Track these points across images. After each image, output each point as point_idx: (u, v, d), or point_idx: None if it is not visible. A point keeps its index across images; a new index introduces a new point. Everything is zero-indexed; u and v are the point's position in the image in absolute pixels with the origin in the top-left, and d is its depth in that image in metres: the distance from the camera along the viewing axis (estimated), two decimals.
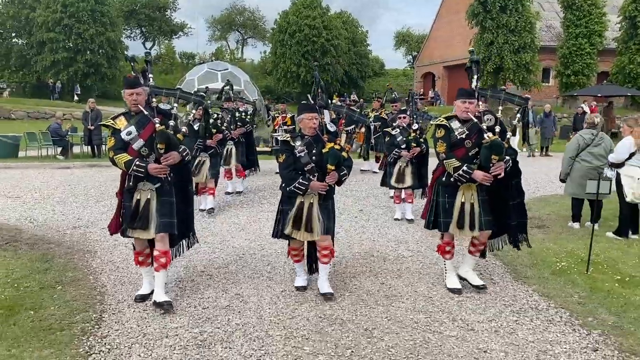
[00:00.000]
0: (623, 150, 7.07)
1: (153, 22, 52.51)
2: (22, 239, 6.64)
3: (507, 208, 4.82)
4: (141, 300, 4.56)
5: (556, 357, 3.55)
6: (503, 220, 4.83)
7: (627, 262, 5.78)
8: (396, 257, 5.96)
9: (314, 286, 4.88)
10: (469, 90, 4.76)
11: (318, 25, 41.31)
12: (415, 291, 4.85)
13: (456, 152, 4.63)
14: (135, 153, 4.37)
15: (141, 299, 4.59)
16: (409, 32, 59.91)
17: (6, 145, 15.42)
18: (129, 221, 4.39)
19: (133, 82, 4.51)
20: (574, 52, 30.69)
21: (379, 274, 5.33)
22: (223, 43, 58.18)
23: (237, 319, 4.17)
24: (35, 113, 28.35)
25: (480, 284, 4.83)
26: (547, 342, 3.78)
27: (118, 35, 40.90)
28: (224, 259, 5.86)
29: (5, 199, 9.06)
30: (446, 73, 42.48)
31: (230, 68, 19.06)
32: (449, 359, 3.53)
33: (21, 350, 3.52)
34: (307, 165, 4.61)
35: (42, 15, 36.63)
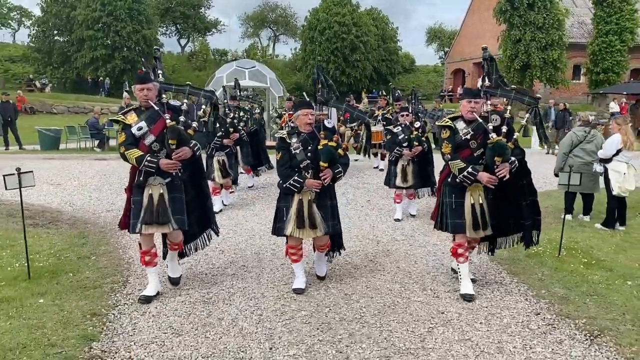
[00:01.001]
0: (611, 147, 7.56)
1: (187, 19, 53.77)
2: (62, 220, 7.58)
3: (520, 208, 4.79)
4: (145, 302, 4.49)
5: (502, 318, 4.20)
6: (516, 220, 4.83)
7: (602, 249, 6.30)
8: (389, 240, 6.65)
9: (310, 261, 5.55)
10: (474, 90, 4.77)
11: (347, 22, 41.76)
12: (397, 267, 5.53)
13: (461, 153, 4.60)
14: (146, 148, 4.38)
15: (145, 300, 4.51)
16: (441, 28, 59.93)
17: (49, 138, 16.64)
18: (145, 217, 4.35)
19: (144, 78, 4.53)
20: (603, 49, 30.43)
21: (369, 253, 6.03)
22: (255, 40, 59.30)
23: (239, 283, 4.95)
24: (75, 108, 29.82)
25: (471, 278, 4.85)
26: (499, 307, 4.43)
27: (154, 33, 42.19)
28: (236, 238, 6.64)
29: (48, 185, 10.04)
30: (476, 70, 42.37)
31: (257, 66, 19.81)
32: (411, 317, 4.21)
33: (62, 302, 4.36)
34: (302, 162, 4.60)
35: (82, 14, 38.13)
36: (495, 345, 3.73)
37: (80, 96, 33.63)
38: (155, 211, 4.35)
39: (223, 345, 3.72)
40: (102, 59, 38.24)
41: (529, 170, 4.86)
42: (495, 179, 4.44)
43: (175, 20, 53.94)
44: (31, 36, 41.35)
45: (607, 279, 5.12)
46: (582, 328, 3.99)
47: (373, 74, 44.93)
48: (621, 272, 5.38)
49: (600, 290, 4.76)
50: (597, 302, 4.48)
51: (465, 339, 3.84)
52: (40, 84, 37.26)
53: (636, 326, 3.99)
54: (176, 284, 4.88)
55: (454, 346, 3.72)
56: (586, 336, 3.87)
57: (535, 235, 4.91)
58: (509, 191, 4.68)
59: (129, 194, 4.57)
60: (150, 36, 40.75)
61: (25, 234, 5.17)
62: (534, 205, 4.87)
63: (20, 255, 5.55)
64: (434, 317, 4.22)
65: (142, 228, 4.38)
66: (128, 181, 4.57)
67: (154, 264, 4.65)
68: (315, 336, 3.85)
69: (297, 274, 4.90)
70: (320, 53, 41.99)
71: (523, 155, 4.75)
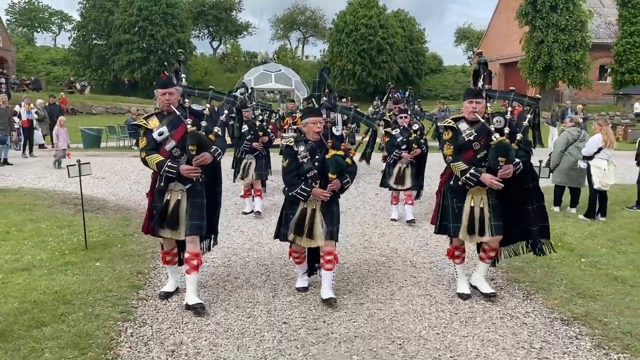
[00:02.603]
0: (593, 145, 8.39)
1: (220, 22, 55.37)
2: (108, 207, 8.83)
3: (525, 213, 4.65)
4: (165, 297, 4.66)
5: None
6: (521, 226, 4.68)
7: (574, 235, 7.16)
8: (387, 225, 7.66)
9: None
10: (476, 90, 4.68)
11: (374, 24, 42.51)
12: (387, 245, 6.56)
13: (464, 155, 4.51)
14: (167, 154, 4.34)
15: (165, 295, 4.69)
16: (470, 28, 60.25)
17: (91, 136, 18.12)
18: (158, 220, 4.39)
19: (166, 82, 4.48)
20: (628, 49, 30.67)
21: (365, 233, 7.06)
22: (285, 41, 60.64)
23: (256, 255, 6.05)
24: (112, 108, 31.51)
25: (491, 292, 4.73)
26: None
27: (187, 36, 43.80)
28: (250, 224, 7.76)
29: (94, 179, 11.33)
30: (502, 70, 42.61)
31: (282, 69, 20.99)
32: (387, 279, 5.23)
33: (114, 264, 5.53)
34: (309, 172, 4.54)
35: (119, 19, 39.96)
36: (449, 299, 4.72)
37: (117, 97, 35.38)
38: (169, 217, 4.36)
39: (237, 294, 4.81)
40: (137, 61, 39.96)
41: (536, 174, 4.78)
42: (498, 179, 4.36)
43: (208, 23, 55.60)
44: (72, 39, 43.44)
45: (564, 257, 6.01)
46: (522, 289, 4.95)
47: (400, 75, 45.53)
48: (581, 252, 6.26)
49: (552, 264, 5.66)
50: (545, 272, 5.40)
51: (427, 294, 4.83)
52: (80, 85, 39.28)
53: (568, 288, 4.92)
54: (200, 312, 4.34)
55: (415, 299, 4.73)
56: (523, 294, 4.82)
57: (547, 244, 4.77)
58: (514, 195, 4.54)
59: (151, 198, 4.56)
60: (184, 39, 42.33)
61: (83, 213, 6.38)
62: (540, 211, 4.72)
63: (77, 233, 6.77)
64: (407, 280, 5.23)
65: (159, 232, 4.44)
66: (150, 185, 4.61)
67: (174, 263, 4.81)
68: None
69: (299, 274, 5.03)
70: (347, 55, 42.88)
71: (528, 157, 4.64)
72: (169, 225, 4.38)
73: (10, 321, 4.01)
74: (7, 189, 10.09)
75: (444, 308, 4.53)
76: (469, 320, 4.27)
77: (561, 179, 8.94)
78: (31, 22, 56.87)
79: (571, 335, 3.97)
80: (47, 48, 51.79)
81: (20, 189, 10.14)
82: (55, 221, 7.57)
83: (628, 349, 3.71)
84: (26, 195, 9.54)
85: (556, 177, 9.08)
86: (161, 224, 4.39)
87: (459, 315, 4.38)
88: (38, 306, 4.32)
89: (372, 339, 3.92)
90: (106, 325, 4.00)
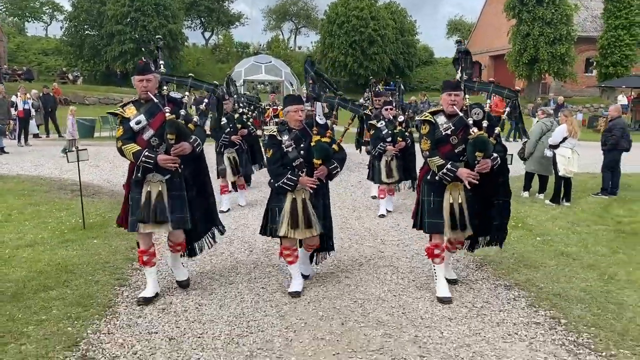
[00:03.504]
0: (558, 135, 8.98)
1: (212, 13, 55.50)
2: (102, 192, 9.35)
3: (491, 206, 4.64)
4: (144, 303, 4.31)
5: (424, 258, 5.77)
6: (485, 220, 4.66)
7: (536, 218, 7.74)
8: (364, 208, 8.24)
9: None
10: (454, 82, 4.56)
11: (365, 16, 42.83)
12: (362, 226, 7.13)
13: (441, 149, 4.43)
14: (144, 143, 4.19)
15: (144, 301, 4.34)
16: (462, 20, 60.80)
17: (85, 126, 18.53)
18: (143, 215, 4.19)
19: (143, 68, 4.28)
20: (612, 43, 31.22)
21: (344, 216, 7.63)
22: (278, 32, 60.89)
23: (241, 234, 6.61)
24: (105, 99, 31.86)
25: (452, 278, 4.86)
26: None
27: (179, 27, 43.96)
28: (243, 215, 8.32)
29: (89, 167, 11.83)
30: (492, 63, 43.22)
31: (273, 61, 21.45)
32: (360, 256, 5.81)
33: (110, 241, 6.09)
34: (295, 160, 4.46)
35: (111, 9, 40.06)
36: (410, 269, 5.31)
37: (110, 88, 35.70)
38: (152, 210, 4.17)
39: (222, 265, 5.37)
40: (130, 52, 40.14)
41: (508, 169, 4.75)
42: (475, 175, 4.30)
43: (200, 14, 55.66)
44: (64, 30, 43.51)
45: (521, 236, 6.62)
46: (476, 261, 5.55)
47: (391, 67, 45.98)
48: (538, 232, 6.86)
49: (509, 241, 6.21)
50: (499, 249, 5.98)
51: (390, 265, 5.44)
52: (73, 76, 39.49)
53: (517, 261, 5.53)
54: (185, 286, 4.65)
55: (380, 269, 5.33)
56: (476, 266, 5.42)
57: (499, 238, 4.80)
58: (486, 188, 4.48)
59: (127, 189, 4.43)
60: (176, 30, 42.45)
61: (81, 195, 6.94)
62: (505, 206, 4.72)
63: (74, 215, 7.30)
64: (375, 254, 5.83)
65: (140, 227, 4.24)
66: (127, 177, 4.47)
67: (152, 264, 4.49)
68: None
69: (293, 276, 4.73)
70: (338, 46, 43.24)
71: (505, 152, 4.60)
72: (155, 220, 4.18)
73: (20, 286, 4.57)
74: (5, 176, 10.58)
75: (404, 276, 5.13)
76: (424, 285, 4.86)
77: (534, 167, 9.48)
78: (22, 12, 56.74)
79: (510, 297, 4.57)
80: (38, 38, 51.67)
81: (19, 176, 10.64)
82: (53, 205, 8.09)
83: (555, 307, 4.31)
84: (24, 181, 10.03)
85: (529, 165, 9.64)
86: (144, 219, 4.19)
87: (416, 282, 4.97)
88: (43, 274, 4.88)
89: (337, 299, 4.50)
90: (105, 289, 4.59)
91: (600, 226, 7.39)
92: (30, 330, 3.77)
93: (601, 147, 10.15)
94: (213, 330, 3.90)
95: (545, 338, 3.83)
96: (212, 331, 3.89)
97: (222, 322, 4.04)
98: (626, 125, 10.68)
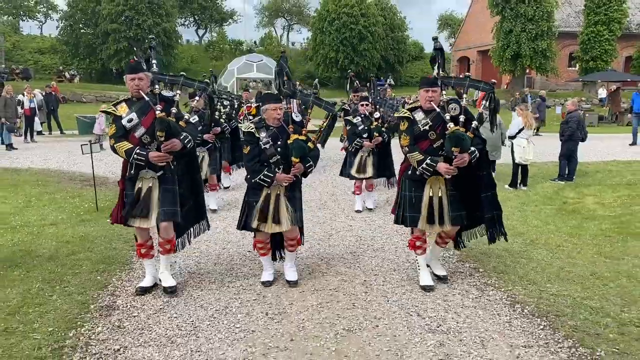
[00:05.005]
0: (515, 127, 10.11)
1: (205, 10, 56.28)
2: (108, 182, 10.40)
3: (479, 200, 4.71)
4: (142, 293, 4.53)
5: (388, 231, 6.89)
6: (477, 213, 4.75)
7: None
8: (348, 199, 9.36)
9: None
10: (431, 79, 4.67)
11: (355, 13, 43.71)
12: (343, 212, 8.23)
13: (420, 145, 4.54)
14: (136, 141, 4.30)
15: (142, 291, 4.55)
16: (452, 16, 61.80)
17: (86, 123, 19.54)
18: (130, 209, 4.34)
19: (135, 67, 4.39)
20: (592, 38, 32.36)
21: (340, 201, 8.73)
22: (270, 29, 61.82)
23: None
24: (102, 97, 32.75)
25: (442, 275, 4.98)
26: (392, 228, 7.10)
27: (173, 25, 44.76)
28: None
29: (94, 160, 12.91)
30: (480, 57, 44.15)
31: (264, 59, 22.48)
32: (342, 242, 6.92)
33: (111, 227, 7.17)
34: (272, 157, 4.58)
35: (106, 8, 40.84)
36: (370, 237, 6.44)
37: (106, 86, 36.63)
38: (138, 205, 4.33)
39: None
40: (125, 50, 41.01)
41: (489, 162, 5.18)
42: (453, 169, 4.40)
43: (193, 12, 56.38)
44: (59, 29, 44.29)
45: None
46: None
47: (381, 63, 46.89)
48: None
49: None
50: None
51: (374, 249, 6.56)
52: (70, 74, 40.36)
53: None
54: (172, 292, 4.59)
55: (350, 242, 6.44)
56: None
57: (499, 231, 4.85)
58: (469, 183, 4.61)
59: (122, 187, 4.54)
60: (170, 28, 43.24)
61: (94, 182, 8.08)
62: (492, 199, 4.79)
63: (87, 201, 8.39)
64: (346, 229, 6.94)
65: (131, 221, 4.39)
66: (121, 174, 4.61)
67: (151, 256, 4.67)
68: None
69: (265, 267, 4.96)
70: (329, 43, 44.15)
71: (483, 145, 4.66)
72: (139, 214, 4.33)
73: (53, 251, 5.68)
74: (19, 169, 11.63)
75: (376, 254, 6.25)
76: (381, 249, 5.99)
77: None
78: (16, 10, 57.38)
79: (445, 255, 5.66)
80: (33, 37, 52.25)
81: (30, 169, 11.69)
82: (66, 193, 9.17)
83: (478, 261, 5.46)
84: (36, 173, 11.09)
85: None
86: (132, 212, 4.35)
87: (371, 246, 6.09)
88: (70, 244, 5.99)
89: (308, 259, 5.60)
90: (122, 253, 5.71)
91: (546, 206, 8.49)
92: (69, 278, 4.90)
93: (559, 137, 11.25)
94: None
95: (464, 281, 4.96)
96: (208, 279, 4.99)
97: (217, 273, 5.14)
98: (582, 118, 11.77)
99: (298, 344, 3.77)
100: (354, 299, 4.58)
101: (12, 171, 11.26)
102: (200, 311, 4.31)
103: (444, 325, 4.05)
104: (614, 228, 6.95)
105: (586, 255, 5.72)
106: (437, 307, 4.39)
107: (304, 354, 3.63)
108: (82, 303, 4.37)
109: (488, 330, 3.95)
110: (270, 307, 4.38)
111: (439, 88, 4.63)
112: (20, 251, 5.71)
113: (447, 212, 4.59)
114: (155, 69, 4.75)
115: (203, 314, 4.24)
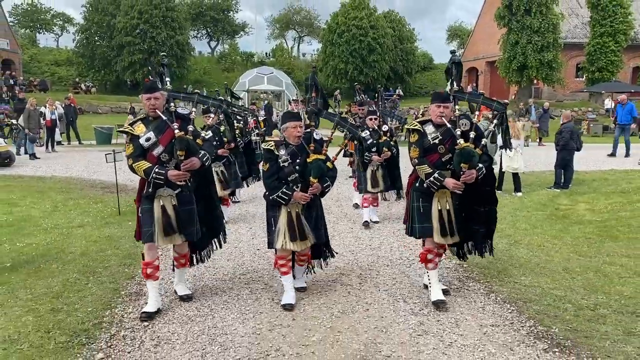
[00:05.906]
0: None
1: (217, 23, 57.39)
2: (127, 189, 11.10)
3: (475, 214, 4.77)
4: (147, 319, 4.40)
5: (383, 231, 7.50)
6: (469, 226, 4.80)
7: None
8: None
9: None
10: (444, 94, 4.73)
11: (365, 25, 44.48)
12: (346, 216, 8.87)
13: (429, 158, 4.58)
14: (154, 159, 4.33)
15: (147, 317, 4.42)
16: (461, 26, 62.41)
17: (103, 134, 20.43)
18: (161, 228, 4.35)
19: (150, 87, 4.47)
20: (598, 49, 32.84)
21: (343, 206, 9.37)
22: (281, 40, 62.82)
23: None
24: (117, 108, 33.79)
25: (443, 288, 4.96)
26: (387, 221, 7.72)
27: (186, 38, 45.74)
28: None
29: (112, 169, 13.64)
30: (488, 68, 44.56)
31: (274, 72, 23.26)
32: (341, 241, 7.55)
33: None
34: (290, 175, 4.60)
35: (121, 22, 41.90)
36: (369, 238, 7.06)
37: (121, 97, 37.61)
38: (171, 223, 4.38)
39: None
40: (139, 62, 41.97)
41: (495, 178, 4.99)
42: (461, 184, 4.45)
43: (206, 24, 57.48)
44: (76, 41, 45.46)
45: None
46: None
47: (390, 74, 47.54)
48: None
49: None
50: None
51: (371, 248, 7.18)
52: (86, 86, 41.46)
53: None
54: (189, 300, 4.83)
55: (350, 241, 7.08)
56: None
57: (487, 245, 4.92)
58: (471, 196, 4.65)
59: (138, 204, 4.57)
60: (183, 41, 44.17)
61: (117, 188, 8.81)
62: (490, 214, 4.83)
63: (109, 206, 9.11)
64: (361, 243, 7.57)
65: (159, 240, 4.39)
66: (137, 191, 4.69)
67: (156, 278, 4.58)
68: None
69: (286, 288, 4.83)
70: (339, 54, 44.89)
71: (490, 162, 4.73)
72: (165, 232, 4.37)
73: (84, 249, 6.39)
74: (43, 177, 12.41)
75: (374, 253, 6.87)
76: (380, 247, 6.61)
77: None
78: (33, 24, 58.90)
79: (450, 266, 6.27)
80: (50, 49, 53.59)
81: (54, 177, 12.47)
82: (90, 199, 9.91)
83: None
84: (60, 181, 11.86)
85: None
86: (166, 232, 4.38)
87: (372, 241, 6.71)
88: (98, 243, 6.70)
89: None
90: None
91: (538, 212, 9.03)
92: (101, 270, 5.61)
93: (555, 147, 11.81)
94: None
95: (448, 275, 5.59)
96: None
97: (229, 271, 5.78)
98: (575, 129, 12.31)
99: (299, 322, 4.43)
100: (349, 288, 5.22)
101: (37, 179, 12.05)
102: (215, 297, 4.98)
103: (426, 309, 4.67)
104: (597, 231, 7.49)
105: (563, 254, 6.31)
106: (421, 295, 5.01)
107: (303, 329, 4.29)
108: (113, 290, 5.08)
109: (463, 314, 4.57)
110: (276, 295, 5.02)
111: (451, 104, 4.70)
112: (54, 249, 6.44)
113: (455, 225, 4.68)
114: (169, 87, 4.88)
115: (218, 299, 4.92)
